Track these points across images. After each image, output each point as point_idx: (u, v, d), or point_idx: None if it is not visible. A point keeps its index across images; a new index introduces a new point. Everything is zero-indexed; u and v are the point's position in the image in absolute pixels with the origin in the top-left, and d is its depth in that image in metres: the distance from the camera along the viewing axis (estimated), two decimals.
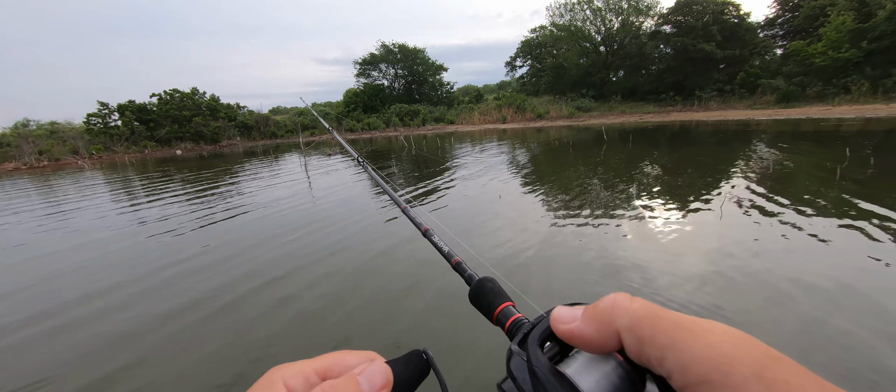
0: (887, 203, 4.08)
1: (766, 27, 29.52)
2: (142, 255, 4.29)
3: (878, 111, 15.26)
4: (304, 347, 2.42)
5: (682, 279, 2.83)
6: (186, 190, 8.67)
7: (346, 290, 3.09)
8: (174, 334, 2.64)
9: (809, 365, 0.15)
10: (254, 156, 17.70)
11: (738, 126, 15.25)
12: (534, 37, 38.04)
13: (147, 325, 2.78)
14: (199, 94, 29.61)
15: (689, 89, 26.32)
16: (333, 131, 1.93)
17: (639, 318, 0.21)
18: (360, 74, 37.11)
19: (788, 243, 3.33)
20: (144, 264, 3.98)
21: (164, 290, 3.33)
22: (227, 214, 5.87)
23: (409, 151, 14.56)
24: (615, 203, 5.00)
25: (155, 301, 3.14)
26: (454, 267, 0.48)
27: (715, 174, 6.35)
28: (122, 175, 13.27)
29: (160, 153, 24.04)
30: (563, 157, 10.17)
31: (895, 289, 2.54)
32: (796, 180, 5.45)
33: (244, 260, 3.88)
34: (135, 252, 4.44)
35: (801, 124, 13.87)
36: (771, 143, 9.73)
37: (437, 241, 0.54)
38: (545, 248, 3.60)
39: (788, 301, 2.49)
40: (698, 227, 3.87)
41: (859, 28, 19.21)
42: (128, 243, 4.79)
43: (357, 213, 5.41)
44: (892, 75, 17.89)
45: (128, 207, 7.15)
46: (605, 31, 31.29)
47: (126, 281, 3.57)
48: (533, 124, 26.13)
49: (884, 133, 10.23)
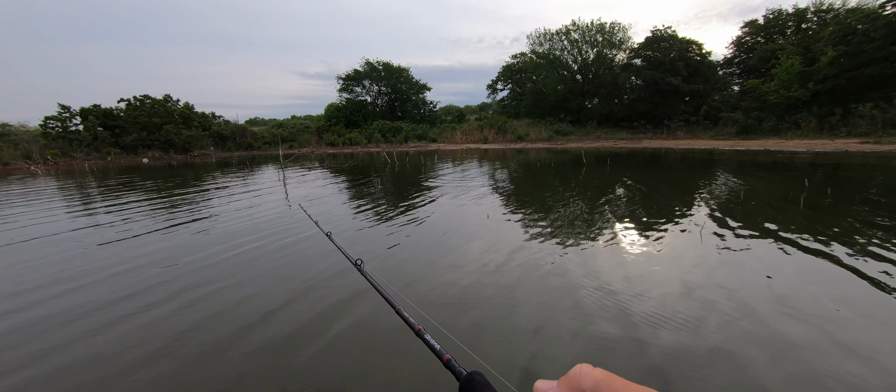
0: (845, 227, 4.41)
1: (724, 66, 32.14)
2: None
3: (824, 146, 16.71)
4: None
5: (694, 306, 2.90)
6: (140, 199, 8.17)
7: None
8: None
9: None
10: (227, 166, 17.03)
11: (704, 154, 16.23)
12: (515, 62, 39.52)
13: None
14: (171, 102, 28.54)
15: (659, 118, 27.94)
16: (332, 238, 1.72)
17: (598, 381, 0.28)
18: (343, 89, 37.05)
19: (770, 268, 3.50)
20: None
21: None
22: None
23: (392, 167, 14.47)
24: (595, 225, 5.12)
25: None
26: (445, 364, 0.51)
27: (689, 199, 6.67)
28: (70, 182, 12.37)
29: (125, 161, 22.72)
30: (549, 179, 10.41)
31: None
32: (764, 207, 5.81)
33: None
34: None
35: (759, 155, 14.95)
36: (736, 172, 10.38)
37: (430, 340, 0.58)
38: (529, 268, 3.60)
39: (746, 317, 2.58)
40: (683, 250, 4.02)
41: (806, 71, 21.23)
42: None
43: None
44: (835, 114, 19.75)
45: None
46: (581, 60, 33.00)
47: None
48: (513, 145, 26.76)
49: (831, 165, 11.16)
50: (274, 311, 2.96)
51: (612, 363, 2.27)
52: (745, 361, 2.22)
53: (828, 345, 2.35)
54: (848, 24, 20.53)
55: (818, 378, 2.08)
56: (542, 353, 2.38)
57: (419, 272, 3.67)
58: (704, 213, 5.49)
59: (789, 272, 3.38)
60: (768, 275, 3.34)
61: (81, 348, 2.55)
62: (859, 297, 2.92)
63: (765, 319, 2.64)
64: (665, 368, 2.19)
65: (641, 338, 2.46)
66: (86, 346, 2.58)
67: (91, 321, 2.90)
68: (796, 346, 2.34)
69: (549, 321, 2.72)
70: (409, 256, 4.15)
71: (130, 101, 26.90)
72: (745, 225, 4.79)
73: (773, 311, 2.74)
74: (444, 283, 3.39)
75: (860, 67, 19.38)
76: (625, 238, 4.49)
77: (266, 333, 2.66)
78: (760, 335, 2.46)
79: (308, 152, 27.00)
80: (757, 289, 3.08)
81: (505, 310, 2.89)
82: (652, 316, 2.72)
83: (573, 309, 2.87)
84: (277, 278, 3.63)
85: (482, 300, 3.04)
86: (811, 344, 2.36)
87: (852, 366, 2.16)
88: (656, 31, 28.64)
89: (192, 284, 3.52)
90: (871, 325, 2.55)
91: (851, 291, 3.00)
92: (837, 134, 18.91)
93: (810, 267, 3.49)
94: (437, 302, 3.04)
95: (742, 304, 2.84)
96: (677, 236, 4.48)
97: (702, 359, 2.26)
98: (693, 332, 2.52)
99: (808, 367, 2.16)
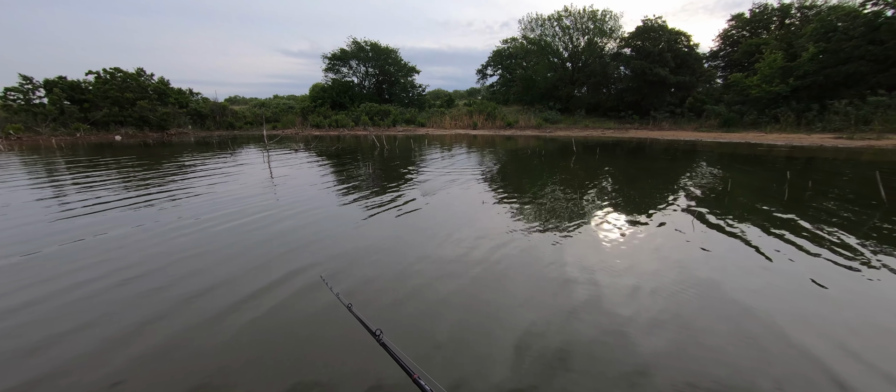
0: (823, 218, 4.58)
1: (710, 58, 32.65)
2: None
3: (801, 140, 17.33)
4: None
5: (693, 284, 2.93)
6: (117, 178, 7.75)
7: None
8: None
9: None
10: (208, 147, 16.36)
11: (690, 146, 16.59)
12: (505, 47, 39.05)
13: None
14: (145, 76, 27.01)
15: (646, 109, 28.29)
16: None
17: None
18: (328, 69, 35.84)
19: (758, 263, 3.59)
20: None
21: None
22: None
23: (381, 152, 14.20)
24: (581, 210, 5.15)
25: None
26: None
27: (678, 190, 6.80)
28: (40, 158, 11.64)
29: (96, 138, 21.51)
30: (542, 168, 10.41)
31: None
32: (749, 199, 5.97)
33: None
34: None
35: (739, 148, 15.39)
36: (721, 164, 10.65)
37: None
38: (523, 251, 3.59)
39: (738, 315, 2.65)
40: (672, 241, 4.08)
41: (788, 66, 21.78)
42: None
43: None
44: (812, 109, 20.43)
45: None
46: (572, 48, 32.85)
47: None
48: (503, 132, 26.69)
49: (805, 159, 11.59)
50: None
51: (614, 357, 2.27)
52: (753, 359, 2.27)
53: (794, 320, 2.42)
54: (829, 22, 21.06)
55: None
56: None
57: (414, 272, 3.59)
58: (696, 205, 5.60)
59: (781, 261, 3.48)
60: (764, 263, 3.42)
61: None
62: (836, 278, 3.03)
63: (762, 309, 2.70)
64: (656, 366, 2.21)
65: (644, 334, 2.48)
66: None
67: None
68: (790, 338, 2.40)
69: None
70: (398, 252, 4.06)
71: (100, 73, 25.28)
72: (733, 215, 4.91)
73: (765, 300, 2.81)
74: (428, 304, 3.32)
75: (838, 65, 20.01)
76: (636, 229, 4.53)
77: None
78: (756, 330, 2.52)
79: (293, 134, 26.23)
80: (746, 278, 3.16)
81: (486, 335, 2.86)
82: (657, 312, 2.74)
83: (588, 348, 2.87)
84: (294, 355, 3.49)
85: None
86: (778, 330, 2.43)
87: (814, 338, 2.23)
88: (647, 21, 28.69)
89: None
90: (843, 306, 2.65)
91: (829, 273, 3.11)
92: (813, 129, 19.62)
93: (792, 254, 3.60)
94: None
95: (725, 291, 2.90)
96: (675, 230, 4.55)
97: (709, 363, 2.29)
98: (698, 331, 2.56)
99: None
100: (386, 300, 2.88)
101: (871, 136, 16.48)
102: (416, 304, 2.82)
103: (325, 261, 3.58)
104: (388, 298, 2.90)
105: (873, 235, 4.08)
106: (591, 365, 2.16)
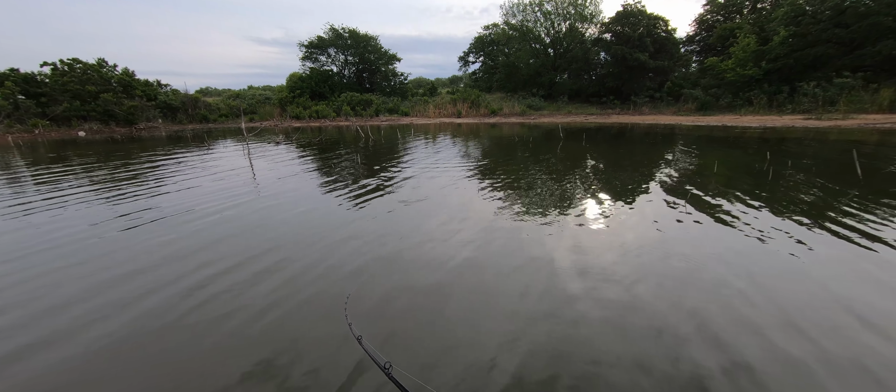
0: (806, 196, 4.77)
1: (686, 43, 33.35)
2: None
3: (773, 121, 18.05)
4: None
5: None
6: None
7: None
8: None
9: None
10: (181, 141, 15.58)
11: (669, 130, 17.00)
12: (487, 33, 38.67)
13: None
14: (107, 67, 25.35)
15: (626, 94, 28.78)
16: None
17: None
18: (306, 58, 34.63)
19: (754, 237, 3.68)
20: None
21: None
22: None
23: (366, 142, 13.89)
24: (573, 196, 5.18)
25: None
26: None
27: (667, 172, 6.94)
28: None
29: (57, 134, 20.15)
30: (530, 155, 10.42)
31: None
32: (736, 179, 6.14)
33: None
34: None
35: (715, 131, 15.88)
36: (702, 147, 10.94)
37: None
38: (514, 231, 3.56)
39: (723, 287, 2.72)
40: (668, 221, 4.14)
41: (760, 50, 22.50)
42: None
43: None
44: (782, 92, 21.26)
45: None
46: (554, 33, 32.85)
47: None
48: (487, 120, 26.62)
49: (777, 139, 12.06)
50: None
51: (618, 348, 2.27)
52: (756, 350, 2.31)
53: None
54: (798, 5, 21.78)
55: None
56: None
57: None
58: (686, 186, 5.71)
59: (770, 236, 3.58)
60: (759, 238, 3.51)
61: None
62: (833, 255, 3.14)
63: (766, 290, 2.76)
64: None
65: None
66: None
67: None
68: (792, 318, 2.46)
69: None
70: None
71: (56, 65, 23.52)
72: (723, 195, 5.04)
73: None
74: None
75: (807, 48, 20.81)
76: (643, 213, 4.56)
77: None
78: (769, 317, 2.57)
79: (271, 126, 25.34)
80: (740, 258, 3.23)
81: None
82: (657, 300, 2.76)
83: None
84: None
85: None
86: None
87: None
88: (627, 6, 28.92)
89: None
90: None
91: (815, 240, 3.22)
92: (784, 110, 20.46)
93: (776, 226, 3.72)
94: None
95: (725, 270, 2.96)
96: (668, 210, 4.62)
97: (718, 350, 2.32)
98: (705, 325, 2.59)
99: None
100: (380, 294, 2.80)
101: (836, 117, 17.31)
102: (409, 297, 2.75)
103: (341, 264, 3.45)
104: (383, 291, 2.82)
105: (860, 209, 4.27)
106: (594, 355, 2.15)
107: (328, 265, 3.26)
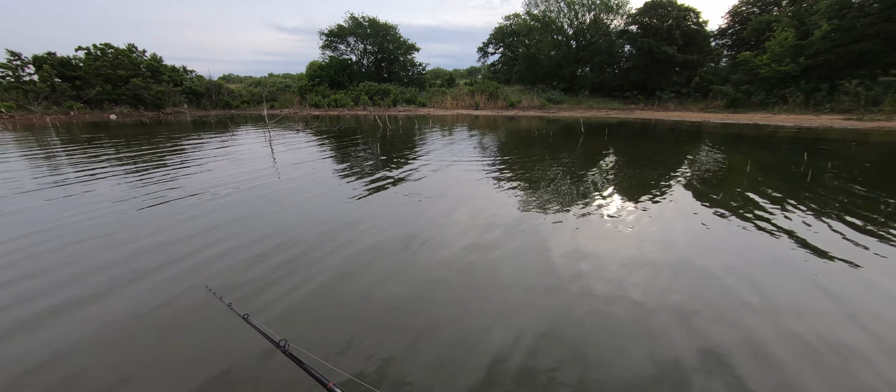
0: (849, 200, 4.49)
1: (717, 37, 31.81)
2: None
3: (809, 121, 17.09)
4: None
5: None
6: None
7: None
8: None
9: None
10: (206, 126, 16.01)
11: (693, 127, 16.33)
12: (508, 24, 37.93)
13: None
14: (137, 53, 26.18)
15: (651, 89, 27.78)
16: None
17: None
18: (325, 46, 34.86)
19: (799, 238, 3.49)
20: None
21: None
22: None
23: (384, 133, 13.92)
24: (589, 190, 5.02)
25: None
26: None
27: (696, 171, 6.66)
28: (43, 138, 11.33)
29: (90, 116, 21.03)
30: (550, 151, 10.22)
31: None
32: (772, 181, 5.84)
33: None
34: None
35: (745, 129, 15.13)
36: (733, 146, 10.47)
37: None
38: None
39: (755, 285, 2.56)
40: (714, 223, 3.97)
41: (799, 44, 21.23)
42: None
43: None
44: (821, 89, 20.06)
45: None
46: (577, 24, 31.90)
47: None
48: (505, 113, 26.24)
49: (812, 140, 11.39)
50: None
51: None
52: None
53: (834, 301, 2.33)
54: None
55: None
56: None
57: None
58: (716, 188, 5.47)
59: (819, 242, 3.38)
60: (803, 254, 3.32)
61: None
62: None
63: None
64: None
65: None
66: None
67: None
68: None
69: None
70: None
71: (90, 49, 24.46)
72: (753, 198, 4.79)
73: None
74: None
75: (851, 43, 19.49)
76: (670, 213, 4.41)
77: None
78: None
79: (291, 113, 25.74)
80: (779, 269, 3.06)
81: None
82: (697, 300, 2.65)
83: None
84: None
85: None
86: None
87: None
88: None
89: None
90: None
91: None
92: (822, 110, 19.32)
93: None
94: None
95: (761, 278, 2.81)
96: (693, 215, 4.43)
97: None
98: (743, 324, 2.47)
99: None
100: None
101: (880, 118, 16.24)
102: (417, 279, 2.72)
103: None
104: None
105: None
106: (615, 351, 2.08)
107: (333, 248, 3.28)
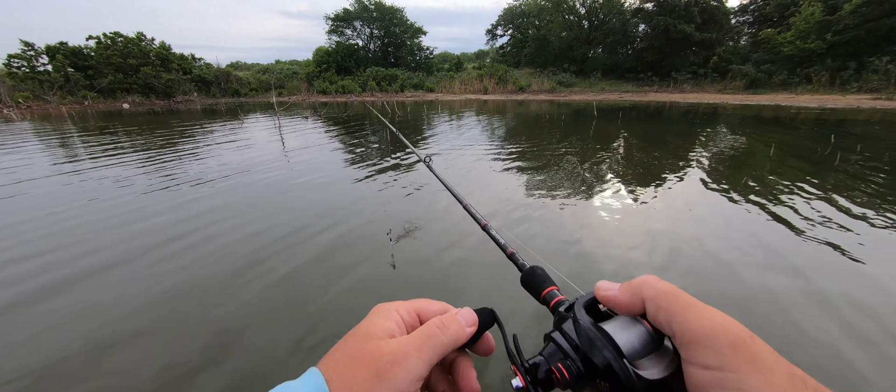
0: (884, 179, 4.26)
1: (738, 13, 30.39)
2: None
3: (835, 101, 16.34)
4: None
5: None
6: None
7: None
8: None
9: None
10: (216, 114, 16.07)
11: (709, 109, 15.77)
12: (517, 4, 36.89)
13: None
14: (146, 41, 26.27)
15: (666, 70, 26.89)
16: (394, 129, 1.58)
17: (662, 293, 0.28)
18: (331, 31, 34.48)
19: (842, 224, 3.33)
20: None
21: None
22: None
23: (392, 119, 13.78)
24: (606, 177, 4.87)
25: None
26: (509, 257, 0.53)
27: (715, 154, 6.43)
28: (62, 128, 11.52)
29: (104, 106, 21.32)
30: (563, 135, 9.99)
31: None
32: (795, 164, 5.59)
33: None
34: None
35: (765, 110, 14.54)
36: (755, 128, 10.07)
37: (495, 235, 0.59)
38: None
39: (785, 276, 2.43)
40: (736, 206, 3.81)
41: (826, 20, 20.15)
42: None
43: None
44: (848, 68, 19.12)
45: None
46: (590, 3, 30.82)
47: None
48: (514, 97, 25.77)
49: (836, 121, 10.89)
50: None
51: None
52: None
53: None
54: None
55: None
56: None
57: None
58: (741, 173, 5.26)
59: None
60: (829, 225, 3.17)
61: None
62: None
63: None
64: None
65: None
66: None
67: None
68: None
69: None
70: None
71: (100, 38, 24.62)
72: (778, 183, 4.59)
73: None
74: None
75: (883, 17, 18.42)
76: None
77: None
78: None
79: (299, 100, 25.70)
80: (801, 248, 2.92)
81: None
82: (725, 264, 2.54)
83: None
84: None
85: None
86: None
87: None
88: None
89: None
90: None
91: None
92: (848, 89, 18.47)
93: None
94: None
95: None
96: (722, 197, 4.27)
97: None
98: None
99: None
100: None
101: None
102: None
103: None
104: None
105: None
106: None
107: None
